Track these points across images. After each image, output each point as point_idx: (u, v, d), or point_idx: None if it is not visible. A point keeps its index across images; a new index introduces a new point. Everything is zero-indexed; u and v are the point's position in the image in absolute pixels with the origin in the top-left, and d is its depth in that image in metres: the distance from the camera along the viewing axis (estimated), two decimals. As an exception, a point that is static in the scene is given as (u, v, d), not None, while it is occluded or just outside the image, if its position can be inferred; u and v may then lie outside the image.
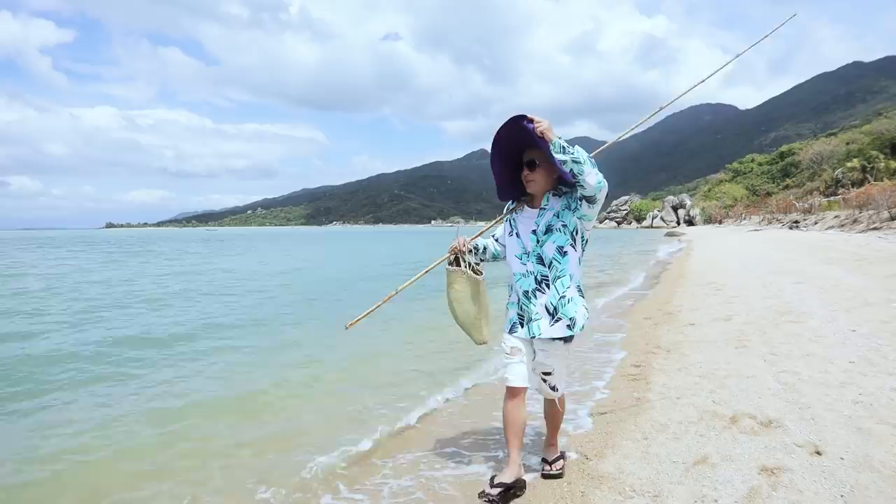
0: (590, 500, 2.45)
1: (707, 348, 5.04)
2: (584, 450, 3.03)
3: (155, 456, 3.40)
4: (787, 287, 8.25)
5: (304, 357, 6.05)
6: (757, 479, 2.42)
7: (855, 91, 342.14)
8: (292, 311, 9.57)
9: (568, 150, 2.28)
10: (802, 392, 3.48)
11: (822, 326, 5.32)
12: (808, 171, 62.16)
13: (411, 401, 4.25)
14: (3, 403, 4.47)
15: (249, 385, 4.96)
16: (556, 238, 2.49)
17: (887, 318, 5.34)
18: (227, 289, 12.94)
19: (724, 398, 3.56)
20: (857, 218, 22.93)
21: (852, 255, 12.00)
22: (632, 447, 2.98)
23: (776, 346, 4.74)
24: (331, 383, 5.03)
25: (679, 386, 3.98)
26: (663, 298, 8.97)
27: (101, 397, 4.64)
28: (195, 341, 6.90)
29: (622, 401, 3.86)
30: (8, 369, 5.56)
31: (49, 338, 7.13)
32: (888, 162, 40.45)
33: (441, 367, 5.30)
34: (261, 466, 3.20)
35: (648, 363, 4.78)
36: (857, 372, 3.76)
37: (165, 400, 4.54)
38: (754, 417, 3.15)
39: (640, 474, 2.63)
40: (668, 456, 2.79)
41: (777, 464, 2.54)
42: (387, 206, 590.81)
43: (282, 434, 3.74)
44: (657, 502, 2.34)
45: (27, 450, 3.54)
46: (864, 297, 6.67)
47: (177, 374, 5.37)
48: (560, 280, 2.49)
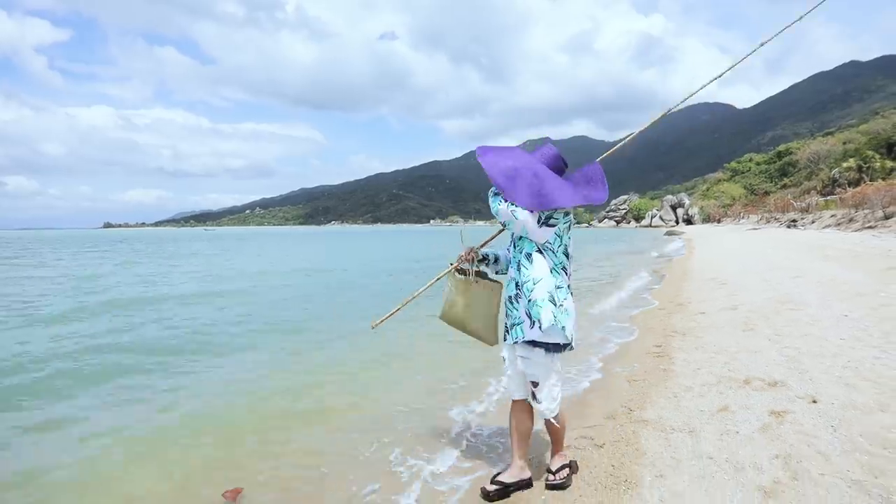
0: (640, 436, 3.19)
1: (718, 332, 5.78)
2: (628, 404, 3.78)
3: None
4: (786, 281, 8.99)
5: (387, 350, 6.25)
6: (768, 419, 3.16)
7: (852, 90, 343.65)
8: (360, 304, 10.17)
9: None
10: (802, 361, 4.22)
11: (819, 313, 6.06)
12: (806, 171, 63.00)
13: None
14: (126, 391, 5.19)
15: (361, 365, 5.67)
16: (525, 245, 2.58)
17: (876, 306, 6.09)
18: (274, 290, 12.76)
19: (737, 367, 4.30)
20: (853, 217, 23.71)
21: (848, 253, 12.75)
22: (665, 402, 3.72)
23: (778, 329, 5.49)
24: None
25: (697, 360, 4.73)
26: (672, 292, 9.72)
27: (192, 384, 5.37)
28: (298, 334, 7.41)
29: (651, 371, 4.60)
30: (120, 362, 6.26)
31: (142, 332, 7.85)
32: (883, 162, 41.32)
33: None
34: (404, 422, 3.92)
35: (668, 344, 5.53)
36: (847, 346, 4.51)
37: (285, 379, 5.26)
38: (763, 380, 3.89)
39: (675, 419, 3.37)
40: (696, 407, 3.54)
41: (783, 409, 3.28)
42: (385, 205, 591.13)
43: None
44: (693, 436, 3.08)
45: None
46: (857, 289, 7.42)
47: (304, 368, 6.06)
48: (526, 285, 2.53)
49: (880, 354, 4.17)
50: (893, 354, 4.13)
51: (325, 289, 13.02)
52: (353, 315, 9.12)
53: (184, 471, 3.23)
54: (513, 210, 2.45)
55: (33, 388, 4.90)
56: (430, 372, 5.19)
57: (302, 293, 12.07)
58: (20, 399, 4.60)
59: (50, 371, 5.48)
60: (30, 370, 5.53)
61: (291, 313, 9.30)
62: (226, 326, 8.02)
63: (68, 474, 3.25)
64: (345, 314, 9.32)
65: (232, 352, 6.42)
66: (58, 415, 4.24)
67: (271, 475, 3.12)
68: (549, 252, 2.53)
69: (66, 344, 6.74)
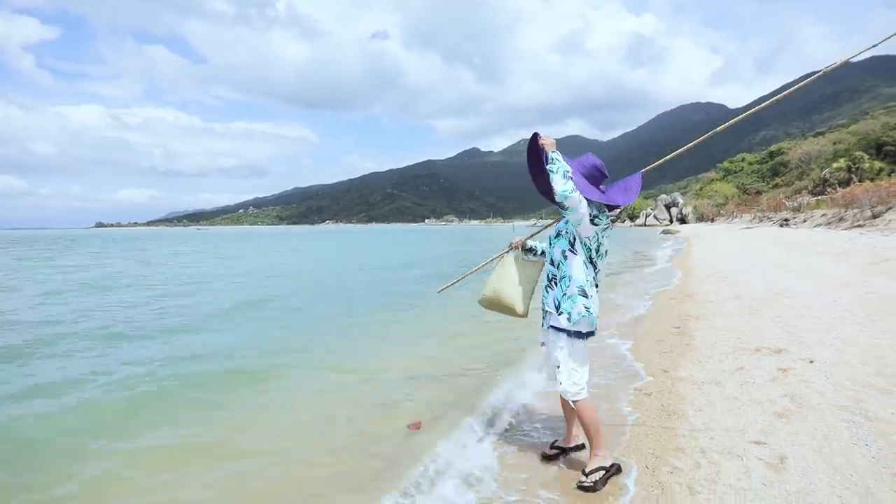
0: (678, 387, 4.12)
1: (726, 316, 6.74)
2: (663, 367, 4.73)
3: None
4: (781, 275, 9.98)
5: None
6: (776, 373, 4.11)
7: (842, 90, 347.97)
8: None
9: (550, 160, 2.71)
10: (800, 335, 5.18)
11: (812, 300, 7.03)
12: (797, 171, 64.32)
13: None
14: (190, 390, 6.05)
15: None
16: (561, 243, 2.87)
17: (861, 293, 7.07)
18: (325, 288, 13.17)
19: (747, 341, 5.25)
20: (842, 216, 24.84)
21: (837, 249, 13.78)
22: (692, 367, 4.66)
23: (778, 312, 6.45)
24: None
25: (713, 336, 5.68)
26: (679, 285, 10.69)
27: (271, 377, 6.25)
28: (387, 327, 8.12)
29: (676, 346, 5.55)
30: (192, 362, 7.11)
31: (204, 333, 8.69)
32: (872, 162, 42.63)
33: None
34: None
35: (686, 325, 6.49)
36: (836, 324, 5.47)
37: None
38: (769, 348, 4.84)
39: (703, 376, 4.31)
40: (718, 368, 4.48)
41: (787, 366, 4.23)
42: (379, 204, 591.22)
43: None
44: (719, 386, 4.02)
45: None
46: (845, 280, 8.40)
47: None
48: (563, 280, 2.82)
49: (863, 329, 5.13)
50: (874, 329, 5.09)
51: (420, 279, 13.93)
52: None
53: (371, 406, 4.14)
54: (580, 200, 2.68)
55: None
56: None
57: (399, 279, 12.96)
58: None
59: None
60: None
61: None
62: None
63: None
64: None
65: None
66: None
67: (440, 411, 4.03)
68: (584, 247, 2.78)
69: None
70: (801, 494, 2.40)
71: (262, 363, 5.83)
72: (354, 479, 3.08)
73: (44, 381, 5.17)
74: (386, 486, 2.93)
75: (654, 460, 2.95)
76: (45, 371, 5.55)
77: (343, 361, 5.88)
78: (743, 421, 3.30)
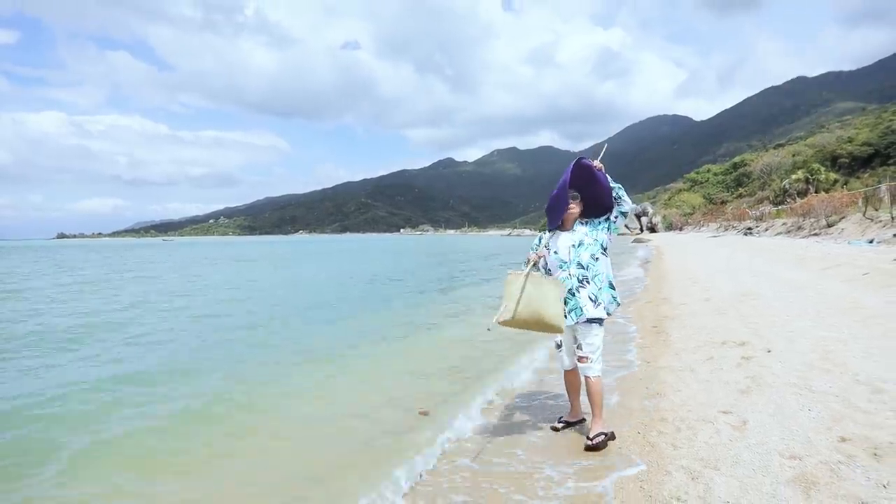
0: (658, 373, 4.83)
1: (698, 316, 7.53)
2: (646, 359, 5.45)
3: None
4: (746, 279, 10.92)
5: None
6: (740, 361, 4.85)
7: (800, 104, 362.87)
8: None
9: (613, 181, 3.38)
10: (760, 330, 5.97)
11: (772, 300, 7.89)
12: (759, 181, 67.16)
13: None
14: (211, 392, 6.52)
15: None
16: (589, 249, 3.41)
17: (814, 295, 7.96)
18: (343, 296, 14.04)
19: (715, 336, 6.01)
20: (801, 225, 26.44)
21: (795, 256, 14.93)
22: (670, 358, 5.38)
23: (743, 311, 7.27)
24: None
25: (686, 334, 6.43)
26: (654, 289, 11.54)
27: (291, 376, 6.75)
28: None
29: (655, 342, 6.28)
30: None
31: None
32: (828, 174, 45.08)
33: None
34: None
35: (662, 325, 7.24)
36: (791, 321, 6.29)
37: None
38: (734, 342, 5.60)
39: (679, 364, 5.04)
40: (692, 358, 5.21)
41: (749, 355, 4.98)
42: (353, 214, 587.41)
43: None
44: (693, 372, 4.74)
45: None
46: (800, 283, 9.34)
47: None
48: (597, 277, 3.40)
49: (813, 324, 5.96)
50: (822, 324, 5.92)
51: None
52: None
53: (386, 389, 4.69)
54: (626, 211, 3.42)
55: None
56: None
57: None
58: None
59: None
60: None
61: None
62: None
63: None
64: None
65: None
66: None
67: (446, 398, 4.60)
68: (606, 250, 3.50)
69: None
70: (758, 445, 3.08)
71: (267, 370, 6.33)
72: (373, 454, 3.60)
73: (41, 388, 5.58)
74: (398, 463, 3.34)
75: (644, 427, 3.61)
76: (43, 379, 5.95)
77: (348, 363, 6.44)
78: (713, 397, 4.00)
